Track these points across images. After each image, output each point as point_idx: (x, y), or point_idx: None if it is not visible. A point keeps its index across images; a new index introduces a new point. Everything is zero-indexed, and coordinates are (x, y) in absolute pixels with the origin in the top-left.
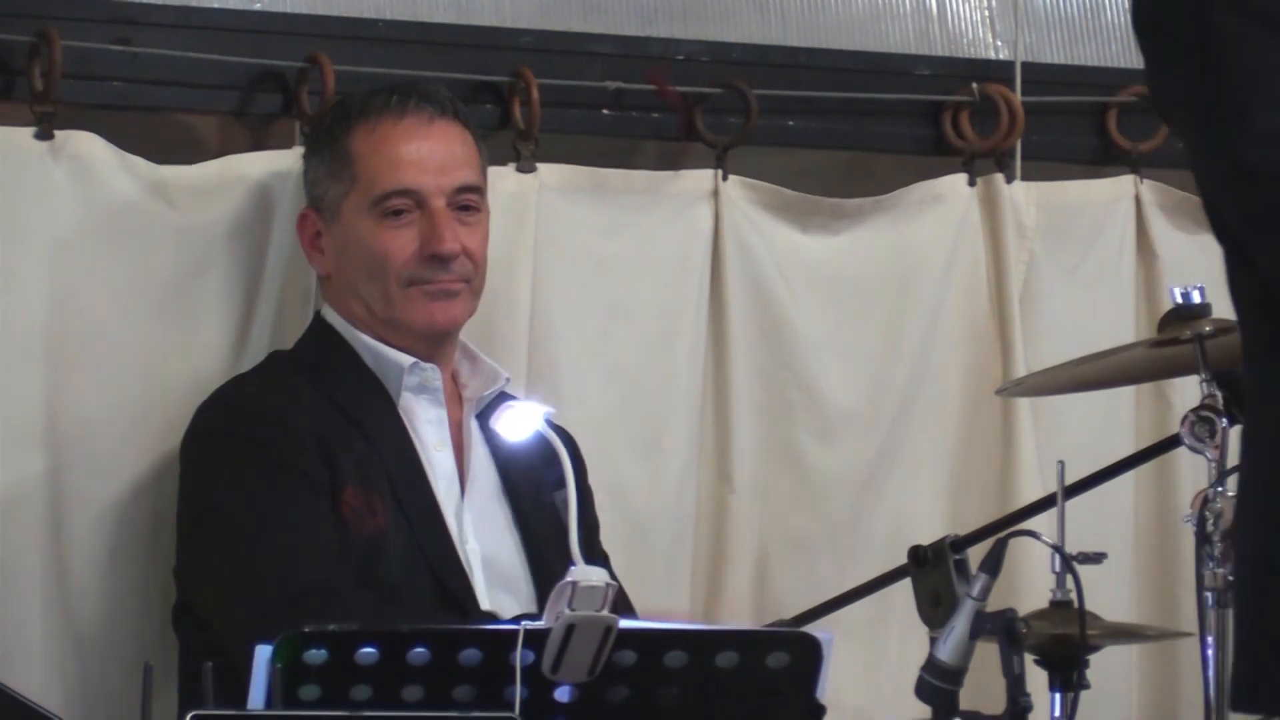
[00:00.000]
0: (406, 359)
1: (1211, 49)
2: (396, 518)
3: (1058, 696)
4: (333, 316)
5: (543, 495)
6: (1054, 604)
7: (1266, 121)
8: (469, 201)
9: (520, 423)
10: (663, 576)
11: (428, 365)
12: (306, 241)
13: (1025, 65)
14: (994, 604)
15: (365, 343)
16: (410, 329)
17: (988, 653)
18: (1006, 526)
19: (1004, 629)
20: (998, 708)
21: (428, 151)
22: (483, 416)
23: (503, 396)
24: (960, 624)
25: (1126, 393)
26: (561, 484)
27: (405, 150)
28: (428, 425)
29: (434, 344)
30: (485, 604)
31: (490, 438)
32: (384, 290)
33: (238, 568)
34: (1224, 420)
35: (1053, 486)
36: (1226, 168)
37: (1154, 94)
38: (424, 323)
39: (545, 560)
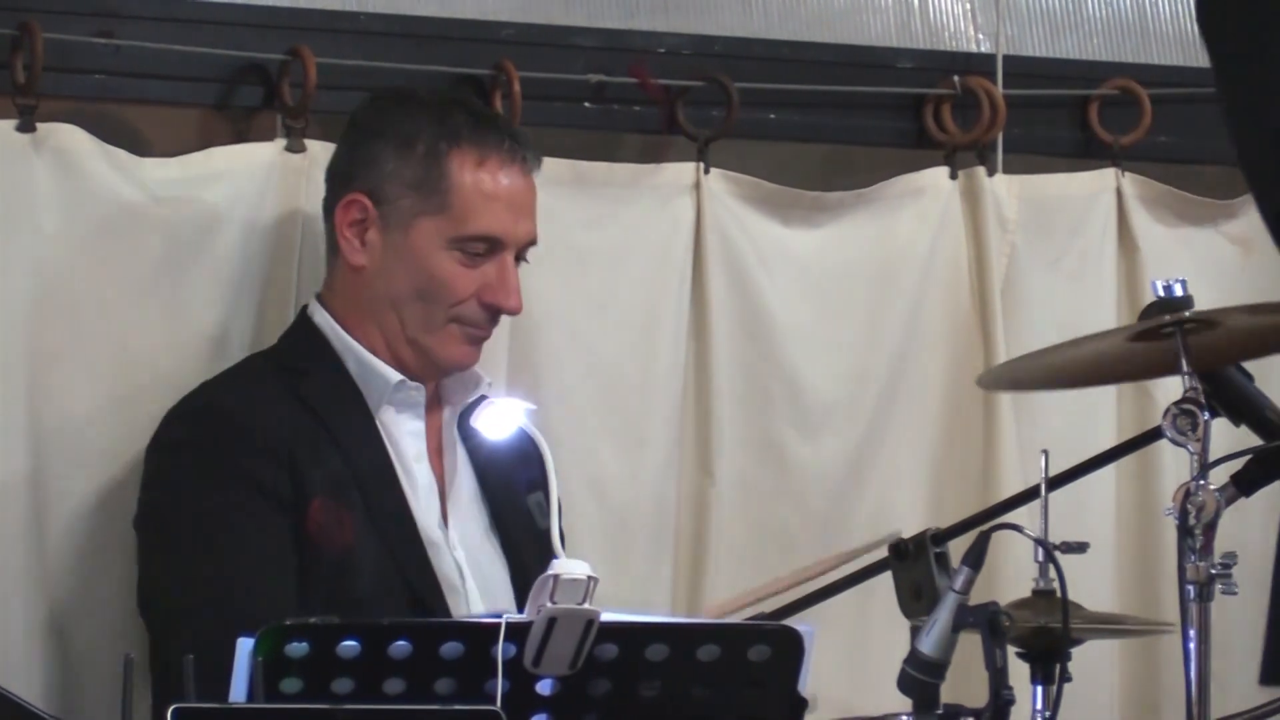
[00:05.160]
0: (394, 375)
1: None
2: (368, 532)
3: (1039, 689)
4: (321, 317)
5: (517, 500)
6: (1036, 593)
7: None
8: (526, 255)
9: (500, 420)
10: (644, 569)
11: (413, 384)
12: (344, 224)
13: (1007, 58)
14: (974, 594)
15: (353, 350)
16: (433, 360)
17: (970, 645)
18: (988, 519)
19: (987, 622)
20: (979, 701)
21: (519, 202)
22: (461, 420)
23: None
24: (943, 617)
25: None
26: (534, 487)
27: (504, 196)
28: (408, 437)
29: (443, 376)
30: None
31: (468, 442)
32: (427, 316)
33: (182, 591)
34: (1205, 414)
35: (1034, 479)
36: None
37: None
38: (453, 361)
39: (523, 564)
